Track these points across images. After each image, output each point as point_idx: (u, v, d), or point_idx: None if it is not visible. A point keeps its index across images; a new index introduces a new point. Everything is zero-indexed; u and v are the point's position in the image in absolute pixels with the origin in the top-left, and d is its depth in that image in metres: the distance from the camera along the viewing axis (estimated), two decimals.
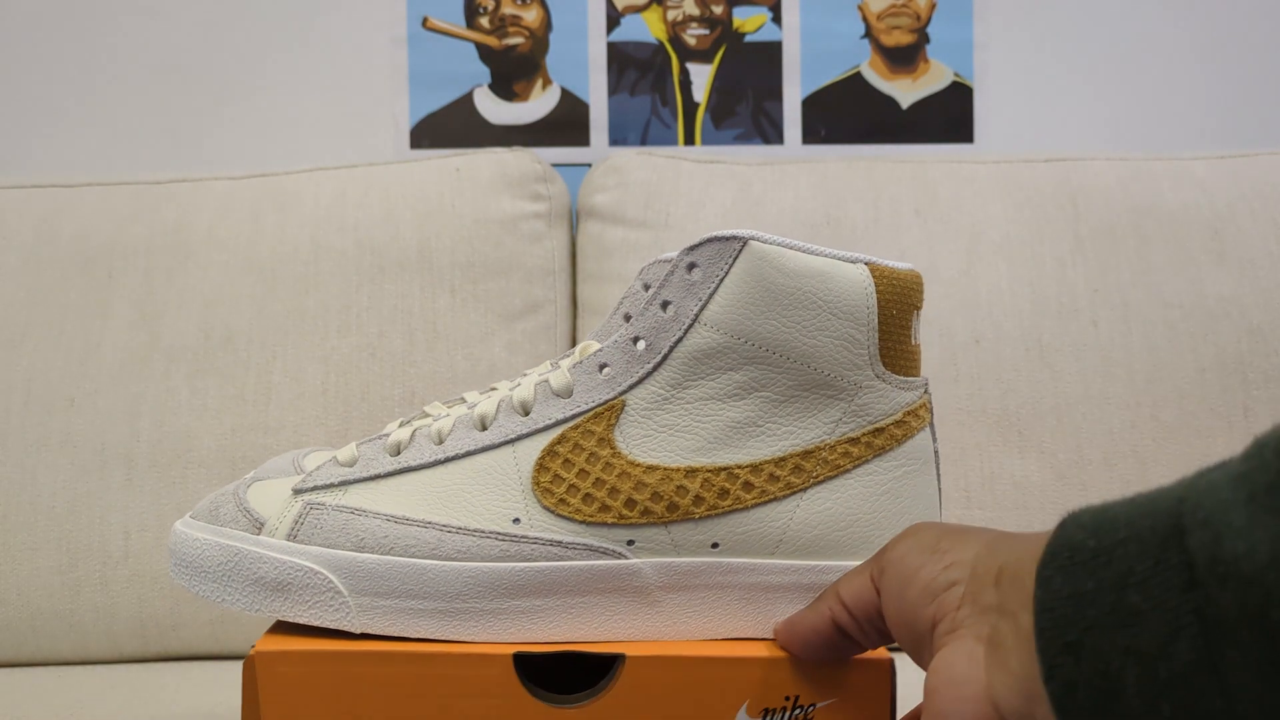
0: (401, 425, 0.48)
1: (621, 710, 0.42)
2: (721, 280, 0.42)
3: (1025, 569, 0.32)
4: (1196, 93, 1.07)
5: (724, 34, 1.07)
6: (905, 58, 1.07)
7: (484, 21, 1.06)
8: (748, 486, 0.43)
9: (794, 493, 0.43)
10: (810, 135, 1.07)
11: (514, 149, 0.94)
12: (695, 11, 1.06)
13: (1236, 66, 1.07)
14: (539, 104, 1.07)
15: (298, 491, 0.44)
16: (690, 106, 1.07)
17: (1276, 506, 0.26)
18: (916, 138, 1.07)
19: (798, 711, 0.42)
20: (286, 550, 0.42)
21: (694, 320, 0.42)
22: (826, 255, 0.43)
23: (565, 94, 1.07)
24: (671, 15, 1.06)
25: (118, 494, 0.79)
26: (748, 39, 1.07)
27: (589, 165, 1.04)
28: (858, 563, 0.42)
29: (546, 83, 1.07)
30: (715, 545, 0.43)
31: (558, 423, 0.43)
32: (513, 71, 1.06)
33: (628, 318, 0.49)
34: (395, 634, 0.43)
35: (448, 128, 1.06)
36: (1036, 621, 0.30)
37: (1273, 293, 0.84)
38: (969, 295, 0.84)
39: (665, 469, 0.43)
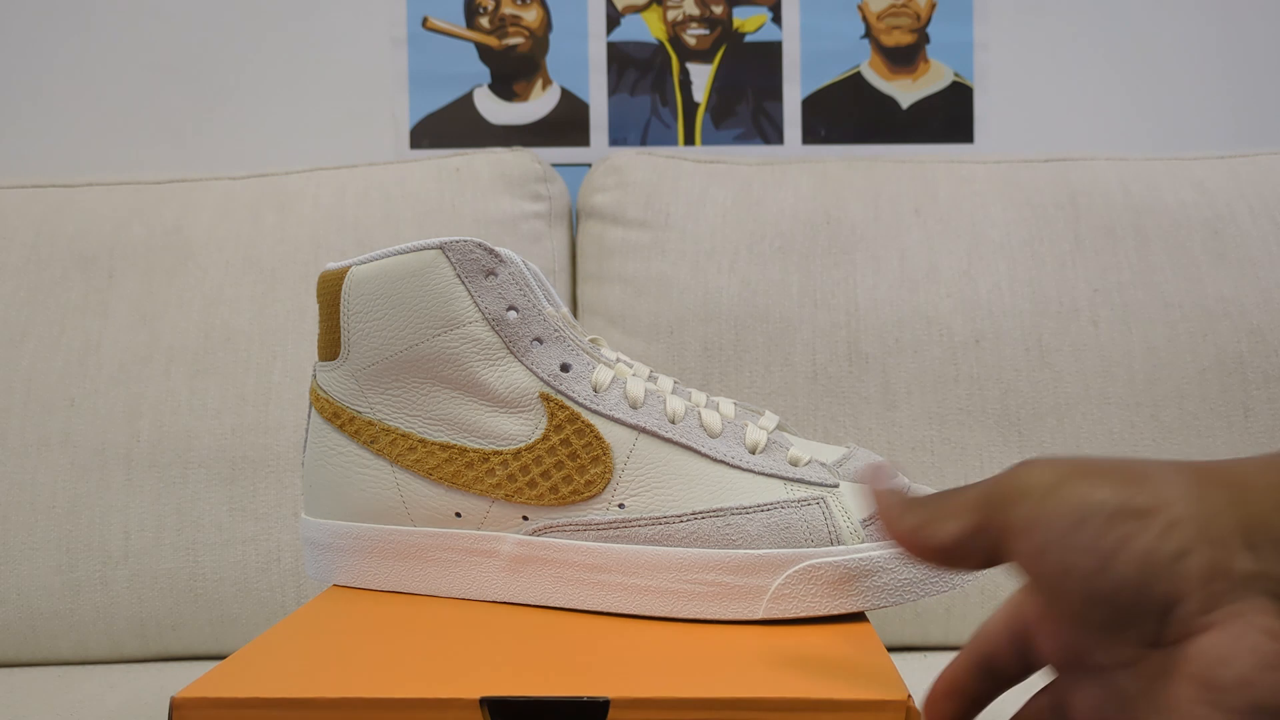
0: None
1: None
2: None
3: None
4: (1196, 93, 1.07)
5: (724, 34, 1.06)
6: (905, 58, 1.07)
7: (484, 21, 1.06)
8: None
9: None
10: (810, 135, 1.07)
11: (514, 149, 0.94)
12: (695, 11, 1.06)
13: (1236, 67, 1.07)
14: (539, 104, 1.07)
15: None
16: (690, 106, 1.07)
17: None
18: (916, 138, 1.07)
19: None
20: None
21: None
22: None
23: (565, 94, 1.07)
24: (671, 15, 1.06)
25: (118, 494, 0.79)
26: (748, 39, 1.07)
27: (589, 165, 1.04)
28: None
29: (546, 83, 1.06)
30: None
31: None
32: (513, 71, 1.06)
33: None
34: None
35: (448, 128, 1.06)
36: None
37: (1273, 293, 0.84)
38: (969, 295, 0.84)
39: None
